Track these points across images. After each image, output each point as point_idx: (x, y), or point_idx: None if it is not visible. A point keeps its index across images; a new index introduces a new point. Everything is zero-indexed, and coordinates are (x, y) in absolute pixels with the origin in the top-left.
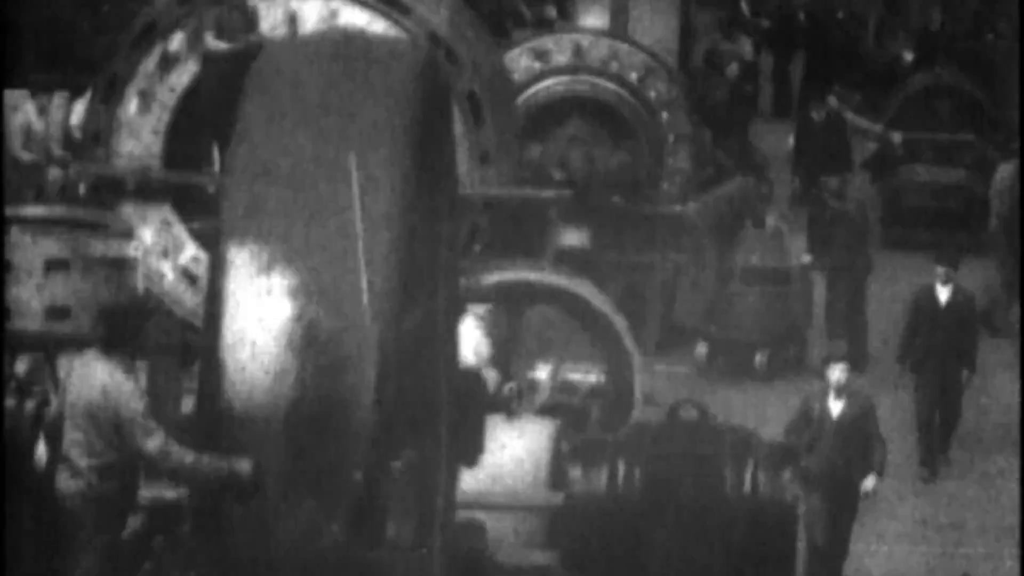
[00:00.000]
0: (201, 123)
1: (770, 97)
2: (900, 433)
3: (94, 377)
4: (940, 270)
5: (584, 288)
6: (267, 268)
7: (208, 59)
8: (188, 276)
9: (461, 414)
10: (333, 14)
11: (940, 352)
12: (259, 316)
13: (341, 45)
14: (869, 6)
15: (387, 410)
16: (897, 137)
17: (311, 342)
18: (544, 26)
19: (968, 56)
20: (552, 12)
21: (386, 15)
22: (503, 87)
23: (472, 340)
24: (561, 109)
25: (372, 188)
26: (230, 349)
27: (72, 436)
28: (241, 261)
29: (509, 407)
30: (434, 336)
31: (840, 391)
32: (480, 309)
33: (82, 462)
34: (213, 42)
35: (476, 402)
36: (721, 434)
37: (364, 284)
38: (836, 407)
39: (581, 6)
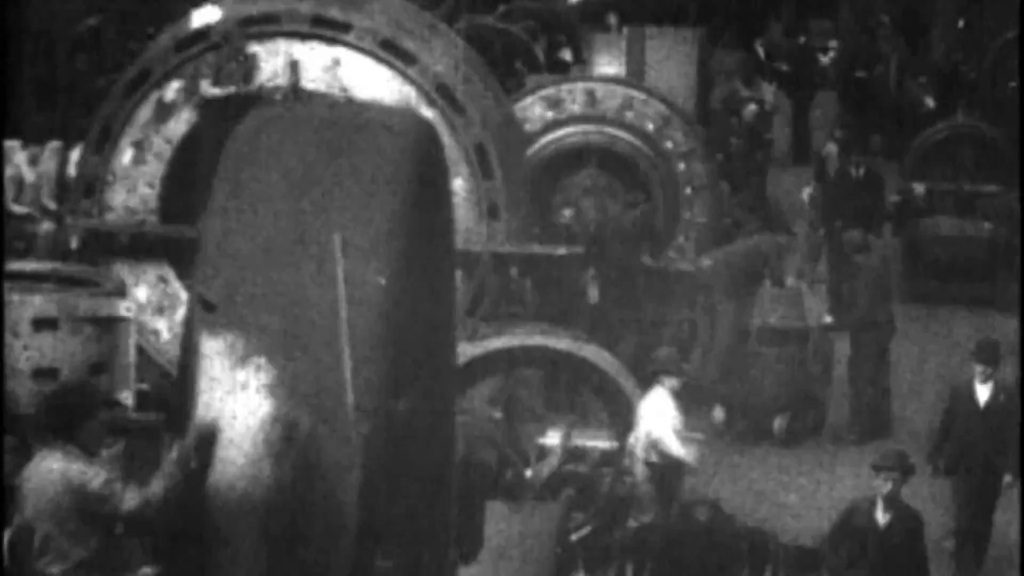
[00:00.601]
0: (198, 175)
1: (788, 142)
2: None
3: (52, 473)
4: (979, 368)
5: (592, 353)
6: (242, 361)
7: (205, 107)
8: None
9: (459, 506)
10: (336, 62)
11: (976, 455)
12: (233, 414)
13: (329, 114)
14: (891, 47)
15: (373, 513)
16: (919, 188)
17: (290, 443)
18: (559, 69)
19: (991, 103)
20: (567, 55)
21: (390, 64)
22: (513, 138)
23: (666, 414)
24: (575, 159)
25: (359, 272)
26: None
27: (40, 543)
28: (214, 352)
29: (512, 493)
30: (436, 420)
31: (889, 502)
32: (673, 381)
33: (54, 569)
34: (210, 90)
35: (475, 492)
36: (738, 537)
37: (349, 380)
38: (883, 519)
39: (597, 50)
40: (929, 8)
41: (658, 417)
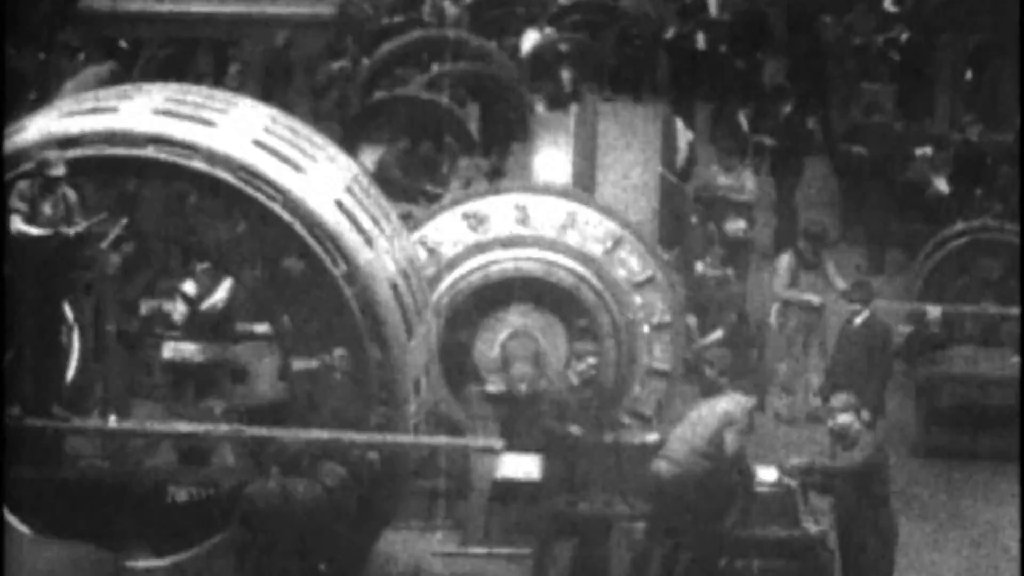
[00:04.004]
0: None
1: (772, 230)
2: None
3: None
4: None
5: None
6: None
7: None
8: None
9: None
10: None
11: None
12: None
13: None
14: (890, 112)
15: None
16: (934, 312)
17: None
18: (496, 146)
19: (1013, 189)
20: (505, 128)
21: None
22: (415, 286)
23: None
24: (502, 293)
25: None
26: None
27: None
28: None
29: None
30: None
31: None
32: None
33: None
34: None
35: None
36: None
37: None
38: None
39: (540, 127)
40: (930, 59)
41: None
